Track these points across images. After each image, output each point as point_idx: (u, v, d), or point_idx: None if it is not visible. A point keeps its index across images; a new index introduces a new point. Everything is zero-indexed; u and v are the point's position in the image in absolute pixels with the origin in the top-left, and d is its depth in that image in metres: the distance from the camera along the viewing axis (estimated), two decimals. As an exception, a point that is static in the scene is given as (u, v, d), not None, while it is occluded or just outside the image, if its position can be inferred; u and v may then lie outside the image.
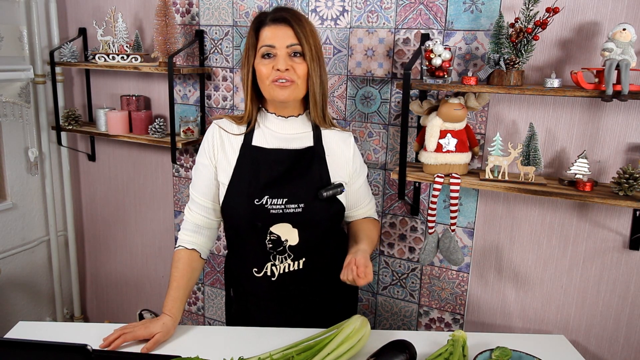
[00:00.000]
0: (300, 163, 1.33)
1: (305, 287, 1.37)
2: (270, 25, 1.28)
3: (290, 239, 1.31)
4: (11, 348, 0.96)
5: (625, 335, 1.64)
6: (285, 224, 1.30)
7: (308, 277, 1.36)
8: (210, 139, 1.37)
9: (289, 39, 1.26)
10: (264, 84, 1.29)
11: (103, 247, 2.61)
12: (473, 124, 1.70)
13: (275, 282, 1.34)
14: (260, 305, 1.40)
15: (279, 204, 1.29)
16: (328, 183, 1.34)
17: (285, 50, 1.26)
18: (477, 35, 1.64)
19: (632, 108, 1.50)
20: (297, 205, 1.29)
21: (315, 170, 1.34)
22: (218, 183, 1.36)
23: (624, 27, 1.33)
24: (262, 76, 1.28)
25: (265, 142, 1.35)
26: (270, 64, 1.26)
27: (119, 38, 2.08)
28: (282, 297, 1.37)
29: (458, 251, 1.65)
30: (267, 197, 1.29)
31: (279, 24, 1.27)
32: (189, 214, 1.41)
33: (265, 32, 1.28)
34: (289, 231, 1.31)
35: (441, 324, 1.91)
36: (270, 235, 1.30)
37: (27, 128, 2.34)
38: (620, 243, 1.59)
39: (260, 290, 1.37)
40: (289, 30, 1.26)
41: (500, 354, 1.18)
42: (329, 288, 1.41)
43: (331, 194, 1.31)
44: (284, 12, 1.29)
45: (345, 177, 1.39)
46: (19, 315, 2.44)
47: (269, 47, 1.26)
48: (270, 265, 1.33)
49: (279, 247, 1.31)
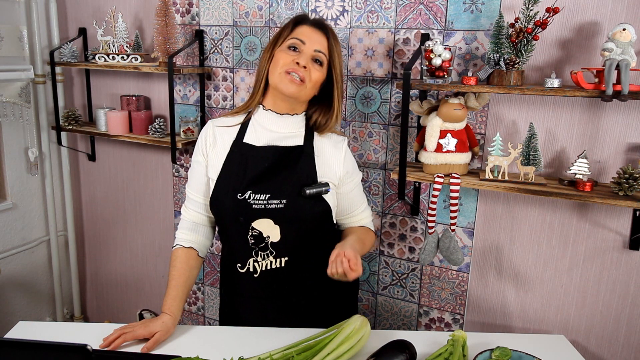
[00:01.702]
0: (286, 160, 1.33)
1: (288, 286, 1.36)
2: (310, 26, 1.33)
3: (271, 235, 1.31)
4: (11, 348, 0.96)
5: (625, 335, 1.64)
6: (266, 220, 1.29)
7: (291, 276, 1.35)
8: (203, 136, 1.39)
9: (320, 45, 1.32)
10: (275, 71, 1.30)
11: (103, 247, 2.61)
12: (473, 124, 1.70)
13: (258, 279, 1.34)
14: (246, 305, 1.40)
15: (262, 199, 1.29)
16: (314, 181, 1.33)
17: (312, 52, 1.30)
18: (477, 35, 1.64)
19: (632, 108, 1.50)
20: (280, 201, 1.29)
21: (302, 168, 1.33)
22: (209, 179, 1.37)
23: (624, 27, 1.33)
24: (278, 62, 1.30)
25: (256, 139, 1.35)
26: (292, 57, 1.30)
27: (119, 38, 2.08)
28: (265, 295, 1.36)
29: (458, 251, 1.65)
30: (250, 192, 1.29)
31: (318, 29, 1.33)
32: (185, 212, 1.42)
33: (302, 29, 1.33)
34: (271, 227, 1.30)
35: (441, 324, 1.91)
36: (252, 230, 1.30)
37: (27, 128, 2.34)
38: (620, 243, 1.59)
39: (244, 287, 1.37)
40: (324, 38, 1.33)
41: (500, 354, 1.18)
42: (315, 289, 1.39)
43: (315, 192, 1.30)
44: (326, 23, 1.37)
45: (334, 179, 1.38)
46: (19, 315, 2.44)
47: (300, 42, 1.31)
48: (252, 261, 1.33)
49: (261, 244, 1.31)
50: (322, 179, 1.34)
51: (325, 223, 1.38)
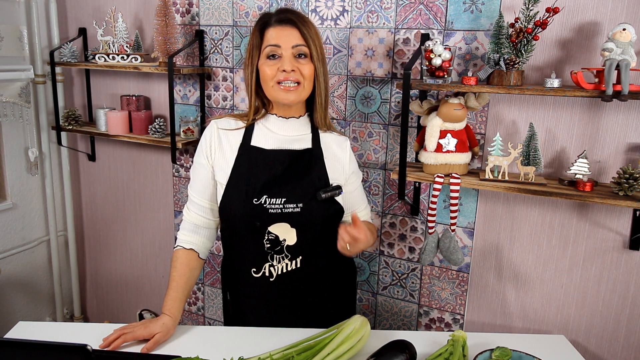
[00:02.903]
0: (299, 164, 1.33)
1: (303, 286, 1.37)
2: (276, 26, 1.27)
3: (288, 238, 1.31)
4: (11, 348, 0.96)
5: (625, 335, 1.64)
6: (283, 224, 1.30)
7: (305, 275, 1.35)
8: (207, 138, 1.36)
9: (295, 39, 1.26)
10: (267, 85, 1.28)
11: (103, 247, 2.61)
12: (473, 124, 1.70)
13: (274, 283, 1.34)
14: (256, 307, 1.39)
15: (278, 204, 1.28)
16: (326, 184, 1.34)
17: (290, 50, 1.26)
18: (477, 35, 1.64)
19: (632, 108, 1.50)
20: (296, 205, 1.29)
21: (314, 172, 1.33)
22: (215, 183, 1.36)
23: (624, 27, 1.33)
24: (266, 77, 1.27)
25: (265, 142, 1.34)
26: (275, 65, 1.26)
27: (119, 38, 2.08)
28: (279, 298, 1.36)
29: (458, 251, 1.65)
30: (265, 197, 1.28)
31: (285, 25, 1.27)
32: (187, 214, 1.41)
33: (270, 33, 1.27)
34: (287, 231, 1.30)
35: (441, 324, 1.91)
36: (268, 235, 1.30)
37: (27, 128, 2.34)
38: (620, 243, 1.59)
39: (257, 292, 1.36)
40: (295, 31, 1.26)
41: (500, 354, 1.18)
42: (326, 287, 1.41)
43: (329, 195, 1.31)
44: (289, 13, 1.28)
45: (342, 180, 1.39)
46: (19, 315, 2.44)
47: (275, 47, 1.26)
48: (268, 266, 1.33)
49: (277, 247, 1.31)
50: (332, 181, 1.35)
51: (337, 223, 1.39)
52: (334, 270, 1.41)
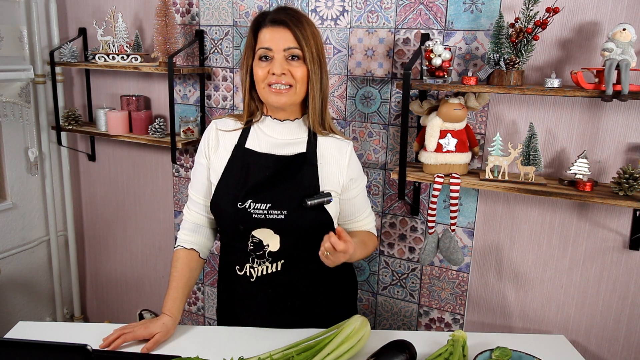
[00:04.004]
0: (288, 169, 1.30)
1: (283, 290, 1.34)
2: (269, 27, 1.24)
3: (271, 244, 1.29)
4: (11, 348, 0.96)
5: (625, 335, 1.64)
6: (266, 230, 1.28)
7: (287, 280, 1.33)
8: (206, 138, 1.37)
9: (286, 42, 1.22)
10: (259, 86, 1.27)
11: (103, 247, 2.61)
12: (473, 124, 1.70)
13: (254, 283, 1.33)
14: (243, 304, 1.39)
15: (262, 209, 1.26)
16: (316, 191, 1.29)
17: (282, 53, 1.23)
18: (477, 35, 1.64)
19: (632, 108, 1.50)
20: (280, 211, 1.26)
21: (304, 177, 1.29)
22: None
23: (624, 27, 1.33)
24: (257, 78, 1.26)
25: (258, 145, 1.33)
26: (267, 67, 1.24)
27: (119, 38, 2.08)
28: (261, 298, 1.35)
29: (458, 251, 1.65)
30: (250, 201, 1.27)
31: (278, 26, 1.23)
32: (187, 213, 1.42)
33: (263, 34, 1.25)
34: (271, 236, 1.28)
35: (441, 324, 1.91)
36: (252, 238, 1.29)
37: (27, 128, 2.34)
38: (620, 243, 1.59)
39: (241, 289, 1.37)
40: (288, 33, 1.22)
41: (500, 354, 1.18)
42: (309, 292, 1.37)
43: (316, 203, 1.27)
44: (284, 13, 1.25)
45: (336, 186, 1.34)
46: (19, 315, 2.44)
47: (266, 50, 1.24)
48: (248, 267, 1.32)
49: (259, 251, 1.30)
50: (324, 187, 1.31)
51: (325, 232, 1.29)
52: (321, 276, 1.37)
